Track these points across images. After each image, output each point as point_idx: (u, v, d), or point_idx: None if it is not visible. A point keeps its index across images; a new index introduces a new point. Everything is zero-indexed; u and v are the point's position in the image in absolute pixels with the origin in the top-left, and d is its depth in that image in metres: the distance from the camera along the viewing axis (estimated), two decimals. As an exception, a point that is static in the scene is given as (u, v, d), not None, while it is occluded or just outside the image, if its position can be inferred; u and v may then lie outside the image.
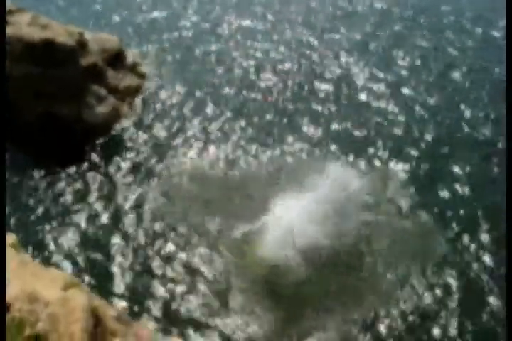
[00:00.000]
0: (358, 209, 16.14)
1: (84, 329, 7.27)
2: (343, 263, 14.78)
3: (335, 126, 20.17)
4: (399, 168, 18.15)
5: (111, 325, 8.47)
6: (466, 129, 20.12)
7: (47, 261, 14.32)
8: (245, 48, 24.90)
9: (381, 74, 22.98)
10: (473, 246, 15.35)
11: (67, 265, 14.86)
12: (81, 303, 7.64)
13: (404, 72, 23.17)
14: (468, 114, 20.77)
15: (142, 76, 22.80)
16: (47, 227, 16.17)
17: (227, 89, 22.27)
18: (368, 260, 14.87)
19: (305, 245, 14.64)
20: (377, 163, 18.42)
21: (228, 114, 20.90)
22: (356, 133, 19.88)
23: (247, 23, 26.99)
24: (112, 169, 18.42)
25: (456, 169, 18.18)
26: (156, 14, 28.04)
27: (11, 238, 9.59)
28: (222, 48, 24.98)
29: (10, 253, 8.69)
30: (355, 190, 16.39)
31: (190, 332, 13.16)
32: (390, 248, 15.23)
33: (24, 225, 16.17)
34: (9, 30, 18.33)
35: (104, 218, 16.44)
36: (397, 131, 19.92)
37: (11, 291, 7.57)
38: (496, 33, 25.91)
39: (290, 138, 19.55)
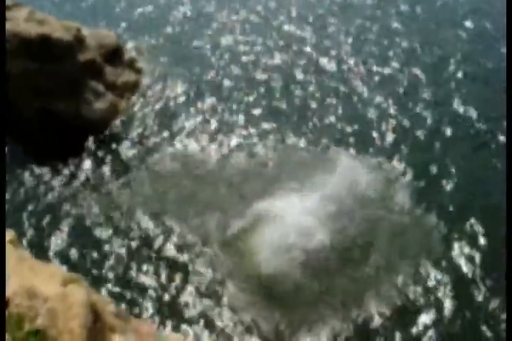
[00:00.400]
0: (359, 206, 16.07)
1: (83, 325, 7.29)
2: (342, 261, 14.74)
3: (332, 122, 20.08)
4: (399, 165, 18.05)
5: (110, 320, 8.48)
6: (467, 124, 20.00)
7: (44, 258, 14.30)
8: (242, 42, 24.80)
9: (377, 69, 22.87)
10: (474, 245, 15.32)
11: (63, 261, 14.90)
12: (80, 299, 7.65)
13: (399, 66, 23.04)
14: (467, 109, 20.62)
15: (140, 71, 22.73)
16: (44, 224, 16.20)
17: (224, 84, 22.19)
18: (368, 259, 14.83)
19: (304, 243, 14.64)
20: (377, 159, 18.28)
21: (227, 109, 20.85)
22: (354, 129, 19.76)
23: (242, 17, 26.87)
24: (109, 165, 18.41)
25: (456, 165, 18.07)
26: (151, 9, 27.87)
27: (9, 234, 9.60)
28: (218, 42, 24.88)
29: (8, 249, 8.71)
30: (355, 187, 16.35)
31: (188, 329, 13.21)
32: (391, 246, 15.21)
33: (21, 221, 16.19)
34: (6, 26, 18.25)
35: (101, 215, 16.44)
36: (397, 128, 19.78)
37: (10, 287, 7.60)
38: (492, 27, 25.77)
39: (289, 135, 19.48)
